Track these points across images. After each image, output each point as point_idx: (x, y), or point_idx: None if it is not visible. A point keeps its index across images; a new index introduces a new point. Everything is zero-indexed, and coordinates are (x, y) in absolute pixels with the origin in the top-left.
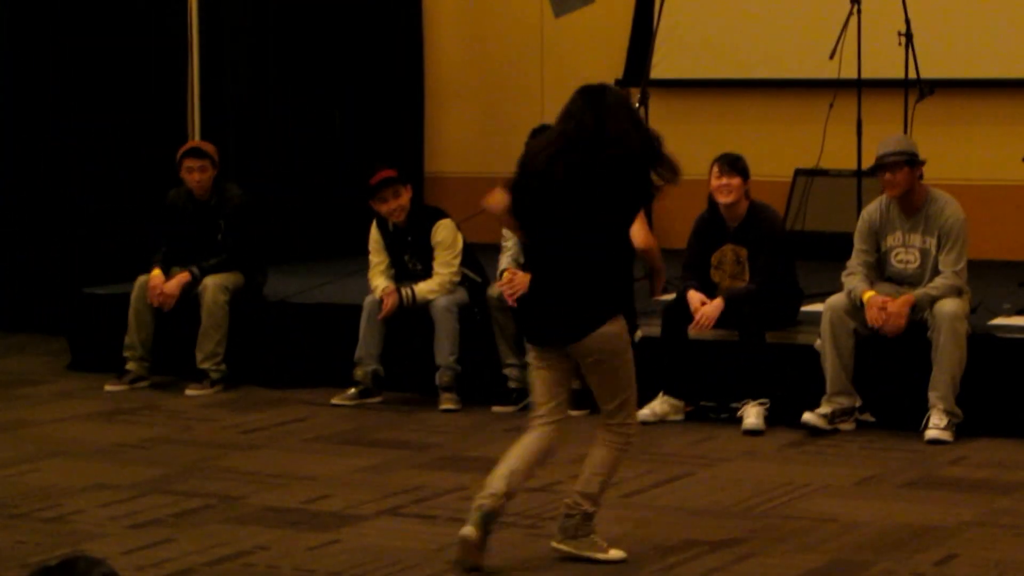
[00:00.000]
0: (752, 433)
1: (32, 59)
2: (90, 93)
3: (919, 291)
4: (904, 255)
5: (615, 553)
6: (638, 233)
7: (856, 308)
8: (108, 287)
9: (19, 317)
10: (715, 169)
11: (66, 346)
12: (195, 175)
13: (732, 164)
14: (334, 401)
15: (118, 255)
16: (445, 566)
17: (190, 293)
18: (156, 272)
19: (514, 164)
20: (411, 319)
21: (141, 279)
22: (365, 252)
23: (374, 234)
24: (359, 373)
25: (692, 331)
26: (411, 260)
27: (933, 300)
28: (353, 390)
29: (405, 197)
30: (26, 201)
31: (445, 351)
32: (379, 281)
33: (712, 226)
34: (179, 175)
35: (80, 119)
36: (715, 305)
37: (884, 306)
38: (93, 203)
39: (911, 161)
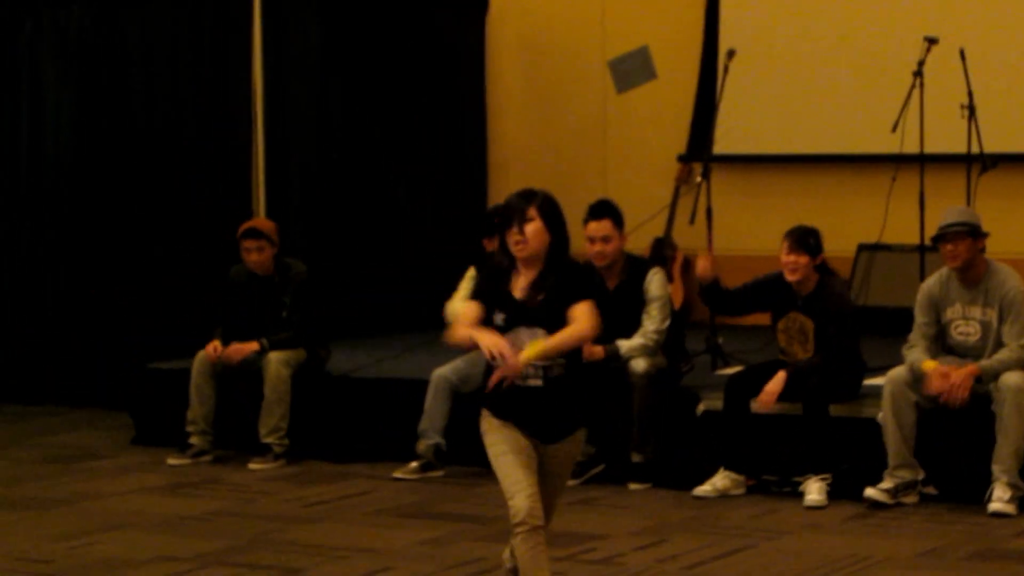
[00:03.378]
0: (814, 509)
1: (97, 135)
2: (150, 166)
3: (984, 362)
4: (964, 327)
5: None
6: None
7: (918, 380)
8: (171, 362)
9: (83, 392)
10: (785, 244)
11: (129, 421)
12: (253, 256)
13: (799, 241)
14: (396, 475)
15: (181, 331)
16: None
17: (254, 366)
18: (215, 343)
19: (575, 237)
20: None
21: (201, 354)
22: (426, 328)
23: (471, 273)
24: (421, 447)
25: (755, 406)
26: None
27: (997, 373)
28: (415, 464)
29: None
30: (90, 277)
31: None
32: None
33: (782, 290)
34: (240, 255)
35: (139, 193)
36: (778, 380)
37: (947, 374)
38: (156, 279)
39: (973, 232)
